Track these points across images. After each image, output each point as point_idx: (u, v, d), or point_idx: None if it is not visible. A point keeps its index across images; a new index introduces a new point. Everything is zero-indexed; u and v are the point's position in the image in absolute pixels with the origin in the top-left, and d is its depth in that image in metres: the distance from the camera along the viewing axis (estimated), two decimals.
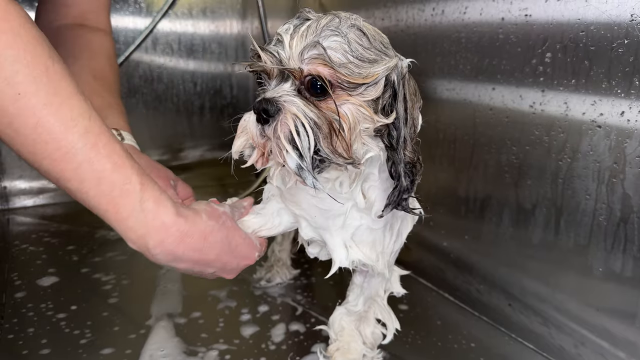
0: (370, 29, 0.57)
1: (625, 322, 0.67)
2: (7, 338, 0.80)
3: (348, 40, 0.53)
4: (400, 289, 0.76)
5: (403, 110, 0.57)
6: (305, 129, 0.52)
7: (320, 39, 0.52)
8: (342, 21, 0.54)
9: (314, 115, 0.53)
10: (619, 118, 0.64)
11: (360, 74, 0.53)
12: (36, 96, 0.54)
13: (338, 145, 0.54)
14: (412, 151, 0.59)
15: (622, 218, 0.65)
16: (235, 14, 1.62)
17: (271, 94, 0.54)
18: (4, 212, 1.33)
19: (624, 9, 0.62)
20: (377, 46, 0.56)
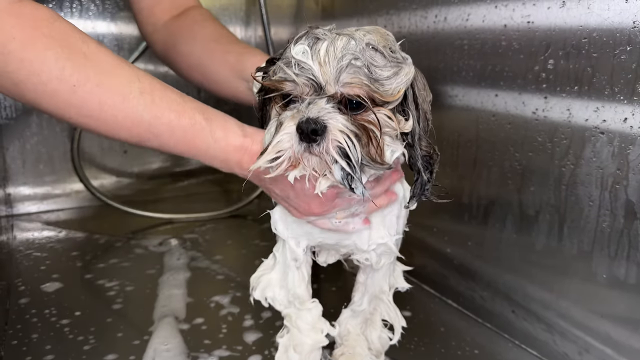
0: (381, 41, 0.58)
1: (629, 328, 0.66)
2: (11, 344, 0.80)
3: (367, 62, 0.55)
4: (405, 284, 0.77)
5: (415, 109, 0.60)
6: (352, 142, 0.55)
7: (346, 64, 0.55)
8: (358, 42, 0.56)
9: (355, 128, 0.56)
10: (621, 124, 0.64)
11: (387, 91, 0.57)
12: (87, 82, 0.60)
13: (374, 152, 0.57)
14: (427, 144, 0.62)
15: (625, 224, 0.65)
16: (238, 21, 1.63)
17: (314, 113, 0.55)
18: (8, 218, 1.34)
19: (626, 15, 0.62)
20: (390, 58, 0.57)
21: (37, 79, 0.59)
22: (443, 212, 0.96)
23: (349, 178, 0.55)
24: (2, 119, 1.34)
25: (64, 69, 0.59)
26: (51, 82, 0.59)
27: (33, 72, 0.59)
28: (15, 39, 0.58)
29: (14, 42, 0.58)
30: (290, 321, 0.73)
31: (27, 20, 0.60)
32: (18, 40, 0.58)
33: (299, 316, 0.72)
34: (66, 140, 1.42)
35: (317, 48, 0.56)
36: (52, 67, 0.59)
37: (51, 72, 0.59)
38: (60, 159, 1.43)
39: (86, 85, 0.60)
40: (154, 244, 1.22)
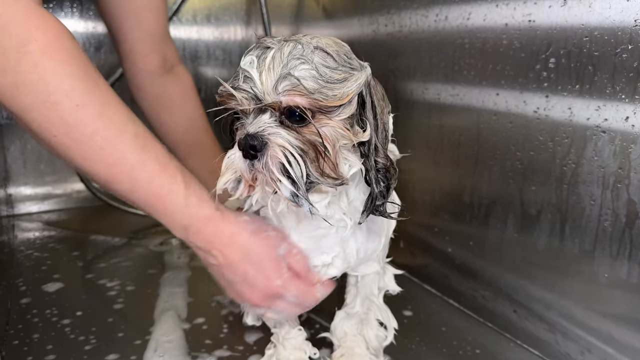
0: (332, 45, 0.56)
1: (631, 328, 0.66)
2: (13, 344, 0.80)
3: (315, 65, 0.53)
4: (395, 287, 0.77)
5: (372, 118, 0.57)
6: (295, 157, 0.53)
7: (290, 70, 0.52)
8: (305, 46, 0.54)
9: (299, 142, 0.54)
10: (623, 123, 0.64)
11: (335, 95, 0.54)
12: (91, 107, 0.60)
13: (325, 167, 0.55)
14: (385, 157, 0.58)
15: (627, 224, 0.65)
16: (239, 20, 1.63)
17: (254, 128, 0.54)
18: (9, 218, 1.34)
19: (628, 14, 0.62)
20: (342, 63, 0.55)
21: (43, 88, 0.58)
22: (444, 211, 0.95)
23: (295, 195, 0.54)
24: (3, 119, 1.34)
25: (74, 88, 0.59)
26: (56, 95, 0.58)
27: (42, 80, 0.58)
28: (37, 41, 0.58)
29: (35, 44, 0.58)
30: (277, 339, 0.75)
31: (51, 27, 0.60)
32: (39, 44, 0.58)
33: (285, 338, 0.75)
34: None
35: (264, 57, 0.54)
36: (64, 81, 0.59)
37: (61, 86, 0.59)
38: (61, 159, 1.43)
39: (88, 110, 0.60)
40: (154, 243, 1.22)
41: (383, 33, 1.05)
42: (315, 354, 0.76)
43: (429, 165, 0.98)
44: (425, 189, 0.99)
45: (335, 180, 0.56)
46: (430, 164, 0.98)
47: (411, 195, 1.01)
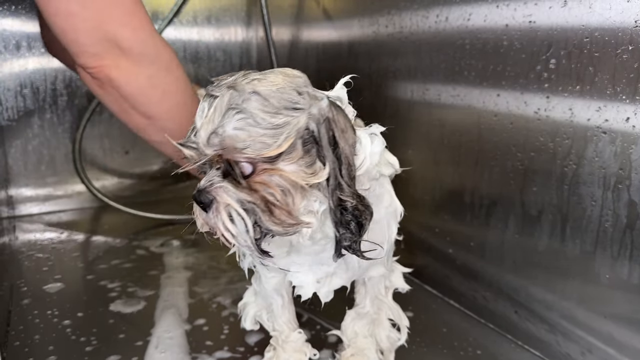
0: (278, 83, 0.53)
1: (632, 329, 0.66)
2: (14, 345, 0.80)
3: (251, 113, 0.50)
4: (404, 285, 0.77)
5: (331, 154, 0.54)
6: (239, 214, 0.52)
7: (224, 122, 0.50)
8: (240, 94, 0.51)
9: (246, 194, 0.52)
10: (624, 124, 0.64)
11: (276, 142, 0.51)
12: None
13: (280, 215, 0.53)
14: (352, 194, 0.54)
15: (628, 224, 0.65)
16: (239, 22, 1.63)
17: (204, 183, 0.54)
18: (10, 220, 1.34)
19: (628, 15, 0.62)
20: (285, 104, 0.52)
21: (180, 93, 0.87)
22: (445, 212, 0.95)
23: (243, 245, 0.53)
24: (4, 120, 1.34)
25: (191, 90, 0.88)
26: (185, 96, 0.87)
27: (179, 88, 0.86)
28: (172, 61, 0.85)
29: (172, 63, 0.85)
30: (277, 342, 0.75)
31: (173, 50, 0.87)
32: (175, 62, 0.85)
33: (285, 340, 0.74)
34: (68, 141, 1.42)
35: (209, 106, 0.52)
36: (187, 86, 0.88)
37: (187, 90, 0.87)
38: (61, 161, 1.43)
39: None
40: (155, 244, 1.22)
41: (383, 34, 1.05)
42: (316, 355, 0.76)
43: (430, 165, 0.98)
44: (426, 189, 0.99)
45: (294, 227, 0.54)
46: (430, 165, 0.98)
47: (412, 195, 1.01)
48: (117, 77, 0.77)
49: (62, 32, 0.75)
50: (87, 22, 0.74)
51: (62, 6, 0.73)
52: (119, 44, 0.76)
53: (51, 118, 1.39)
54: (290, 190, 0.53)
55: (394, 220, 0.68)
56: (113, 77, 0.77)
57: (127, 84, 0.79)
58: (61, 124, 1.40)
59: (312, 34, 1.34)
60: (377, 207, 0.60)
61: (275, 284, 0.71)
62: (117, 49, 0.76)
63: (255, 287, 0.74)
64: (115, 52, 0.76)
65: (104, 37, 0.75)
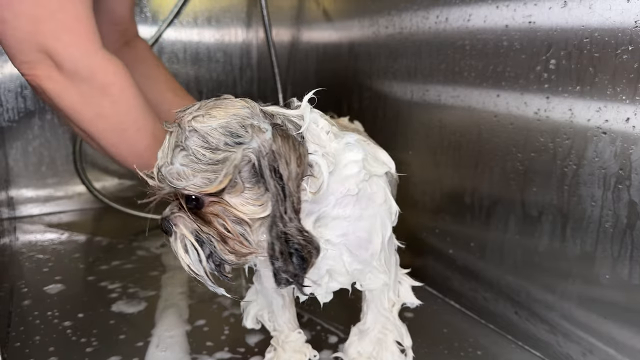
0: (220, 117, 0.53)
1: (633, 329, 0.66)
2: (14, 346, 0.80)
3: (192, 150, 0.52)
4: (414, 300, 0.73)
5: (274, 186, 0.53)
6: (192, 245, 0.56)
7: (171, 159, 0.54)
8: (182, 132, 0.53)
9: (199, 224, 0.55)
10: (624, 124, 0.64)
11: (217, 177, 0.52)
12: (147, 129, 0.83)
13: (233, 244, 0.56)
14: (297, 229, 0.54)
15: (628, 225, 0.65)
16: (240, 23, 1.63)
17: (167, 211, 0.58)
18: (10, 221, 1.34)
19: (628, 15, 0.62)
20: (224, 140, 0.52)
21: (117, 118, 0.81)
22: (445, 213, 0.95)
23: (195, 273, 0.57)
24: (5, 121, 1.34)
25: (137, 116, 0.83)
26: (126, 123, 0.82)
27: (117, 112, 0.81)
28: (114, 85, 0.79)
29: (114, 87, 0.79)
30: (277, 342, 0.75)
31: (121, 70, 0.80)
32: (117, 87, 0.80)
33: (285, 341, 0.74)
34: (68, 142, 1.42)
35: (166, 141, 0.55)
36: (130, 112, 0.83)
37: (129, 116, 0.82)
38: (62, 162, 1.43)
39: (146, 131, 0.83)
40: (156, 245, 1.22)
41: (383, 35, 1.05)
42: (316, 356, 0.76)
43: (430, 166, 0.98)
44: (426, 190, 0.99)
45: (248, 256, 0.57)
46: (430, 165, 0.98)
47: (412, 196, 1.01)
48: (49, 89, 0.75)
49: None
50: (17, 31, 0.72)
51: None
52: (51, 56, 0.73)
53: (52, 119, 1.40)
54: (240, 221, 0.55)
55: (389, 218, 0.65)
56: (45, 87, 0.75)
57: (58, 97, 0.76)
58: (62, 125, 1.40)
59: (312, 34, 1.34)
60: (369, 204, 0.62)
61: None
62: (50, 60, 0.73)
63: (256, 286, 0.74)
64: (48, 63, 0.74)
65: (36, 47, 0.72)
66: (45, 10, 0.72)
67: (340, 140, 0.60)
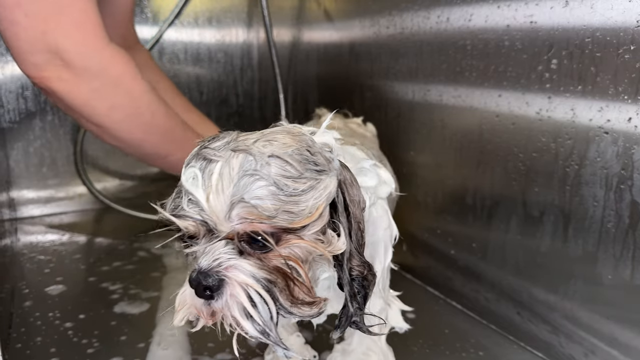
0: (290, 144, 0.47)
1: (635, 330, 0.66)
2: (16, 347, 0.80)
3: (274, 180, 0.44)
4: (403, 324, 0.71)
5: (346, 221, 0.49)
6: (261, 296, 0.44)
7: (244, 192, 0.43)
8: (258, 158, 0.44)
9: (265, 272, 0.45)
10: (626, 124, 0.64)
11: (303, 211, 0.45)
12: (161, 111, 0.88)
13: (299, 293, 0.47)
14: (361, 263, 0.49)
15: (630, 225, 0.65)
16: (240, 23, 1.63)
17: (207, 262, 0.45)
18: (11, 222, 1.33)
19: (630, 14, 0.62)
20: (306, 167, 0.46)
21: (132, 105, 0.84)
22: (447, 213, 0.95)
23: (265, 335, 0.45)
24: (6, 122, 1.34)
25: (150, 101, 0.86)
26: (141, 108, 0.85)
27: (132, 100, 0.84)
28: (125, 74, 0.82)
29: (125, 76, 0.82)
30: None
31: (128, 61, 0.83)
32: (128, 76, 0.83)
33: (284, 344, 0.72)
34: (69, 143, 1.42)
35: (209, 171, 0.45)
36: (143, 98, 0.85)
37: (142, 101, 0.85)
38: (63, 162, 1.43)
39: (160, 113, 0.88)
40: (156, 246, 1.22)
41: (384, 35, 1.05)
42: (315, 357, 0.76)
43: (431, 166, 0.98)
44: (428, 190, 0.99)
45: (311, 307, 0.47)
46: (432, 166, 0.98)
47: (413, 196, 1.01)
48: (59, 89, 0.76)
49: (6, 40, 0.74)
50: (29, 31, 0.72)
51: (6, 13, 0.71)
52: (60, 56, 0.74)
53: (52, 120, 1.40)
54: (308, 262, 0.48)
55: (390, 243, 0.64)
56: (55, 88, 0.76)
57: (69, 95, 0.77)
58: (62, 125, 1.40)
59: (313, 35, 1.34)
60: (375, 230, 0.58)
61: None
62: (59, 60, 0.74)
63: None
64: (57, 63, 0.74)
65: (46, 47, 0.73)
66: (54, 7, 0.73)
67: (356, 164, 0.58)
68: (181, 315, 0.49)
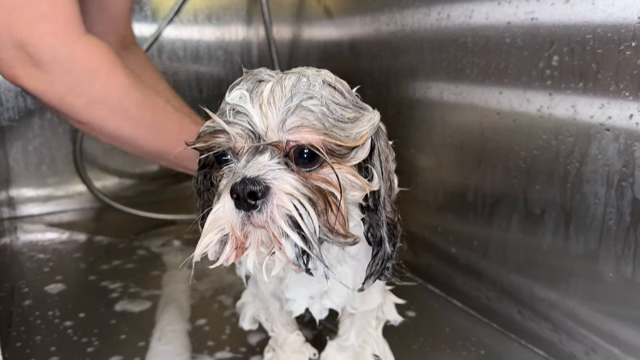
0: (340, 81, 0.50)
1: (636, 327, 0.66)
2: (15, 346, 0.80)
3: (325, 102, 0.46)
4: (397, 317, 0.73)
5: (379, 166, 0.50)
6: (305, 208, 0.43)
7: (299, 106, 0.45)
8: (312, 79, 0.47)
9: (307, 190, 0.45)
10: (627, 121, 0.63)
11: (349, 137, 0.46)
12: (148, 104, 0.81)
13: (335, 222, 0.46)
14: (392, 210, 0.51)
15: (632, 222, 0.64)
16: (240, 20, 1.63)
17: (252, 171, 0.44)
18: (11, 220, 1.33)
19: (631, 11, 0.62)
20: (352, 101, 0.49)
21: (115, 99, 0.77)
22: (448, 211, 0.95)
23: (304, 257, 0.44)
24: (5, 120, 1.34)
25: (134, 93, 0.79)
26: (124, 102, 0.78)
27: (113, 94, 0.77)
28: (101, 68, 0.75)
29: (101, 71, 0.75)
30: (276, 343, 0.74)
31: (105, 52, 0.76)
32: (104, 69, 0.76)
33: (284, 342, 0.73)
34: (68, 142, 1.42)
35: (259, 90, 0.46)
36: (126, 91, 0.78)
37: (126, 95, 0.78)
38: (62, 161, 1.43)
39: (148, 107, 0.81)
40: (156, 245, 1.22)
41: (385, 32, 1.05)
42: (315, 355, 0.75)
43: (432, 164, 0.98)
44: (428, 188, 0.99)
45: (345, 238, 0.47)
46: (433, 163, 0.97)
47: (414, 194, 1.00)
48: (31, 87, 0.71)
49: None
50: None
51: None
52: (27, 51, 0.69)
53: (52, 118, 1.39)
54: (345, 196, 0.47)
55: None
56: (27, 86, 0.71)
57: (43, 93, 0.72)
58: (62, 124, 1.40)
59: (313, 32, 1.34)
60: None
61: (272, 288, 0.68)
62: (27, 56, 0.69)
63: (252, 290, 0.73)
64: (25, 59, 0.69)
65: (12, 43, 0.68)
66: (20, 0, 0.68)
67: None
68: (207, 239, 0.45)
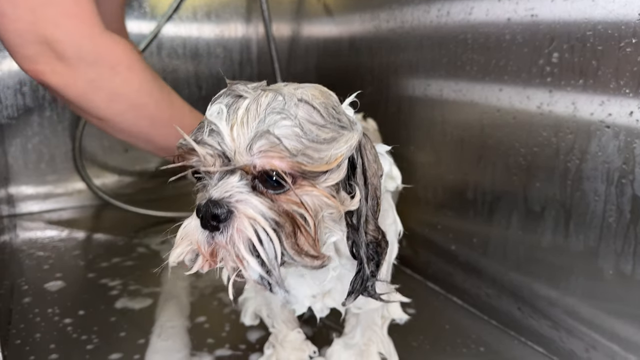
0: (318, 97, 0.48)
1: (636, 325, 0.66)
2: (15, 343, 0.80)
3: (299, 122, 0.45)
4: (402, 315, 0.73)
5: (363, 184, 0.49)
6: (267, 234, 0.44)
7: (269, 126, 0.44)
8: (287, 98, 0.46)
9: (274, 213, 0.45)
10: (627, 118, 0.63)
11: (322, 159, 0.45)
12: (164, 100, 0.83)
13: (304, 243, 0.46)
14: (375, 228, 0.50)
15: (632, 219, 0.64)
16: (239, 17, 1.62)
17: (218, 192, 0.45)
18: (10, 218, 1.33)
19: (632, 7, 0.62)
20: (331, 119, 0.47)
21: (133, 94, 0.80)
22: (447, 208, 0.95)
23: (264, 279, 0.45)
24: (4, 118, 1.34)
25: (152, 89, 0.81)
26: (143, 97, 0.81)
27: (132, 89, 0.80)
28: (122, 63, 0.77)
29: (121, 66, 0.77)
30: (276, 339, 0.74)
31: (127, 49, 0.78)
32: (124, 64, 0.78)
33: (284, 339, 0.73)
34: (68, 139, 1.42)
35: (236, 107, 0.45)
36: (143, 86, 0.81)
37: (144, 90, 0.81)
38: (62, 158, 1.42)
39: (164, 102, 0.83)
40: (156, 242, 1.22)
41: (385, 29, 1.04)
42: (315, 353, 0.75)
43: (432, 161, 0.97)
44: (428, 185, 0.99)
45: (314, 260, 0.47)
46: (433, 161, 0.97)
47: (414, 192, 1.00)
48: (54, 82, 0.73)
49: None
50: (18, 23, 0.69)
51: None
52: (52, 47, 0.70)
53: (51, 116, 1.39)
54: (318, 216, 0.47)
55: (396, 238, 0.64)
56: (50, 82, 0.73)
57: (65, 88, 0.74)
58: (61, 121, 1.40)
59: (313, 29, 1.34)
60: (383, 224, 0.58)
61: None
62: (51, 51, 0.70)
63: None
64: (50, 55, 0.71)
65: (37, 39, 0.70)
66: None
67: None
68: (180, 250, 0.48)
